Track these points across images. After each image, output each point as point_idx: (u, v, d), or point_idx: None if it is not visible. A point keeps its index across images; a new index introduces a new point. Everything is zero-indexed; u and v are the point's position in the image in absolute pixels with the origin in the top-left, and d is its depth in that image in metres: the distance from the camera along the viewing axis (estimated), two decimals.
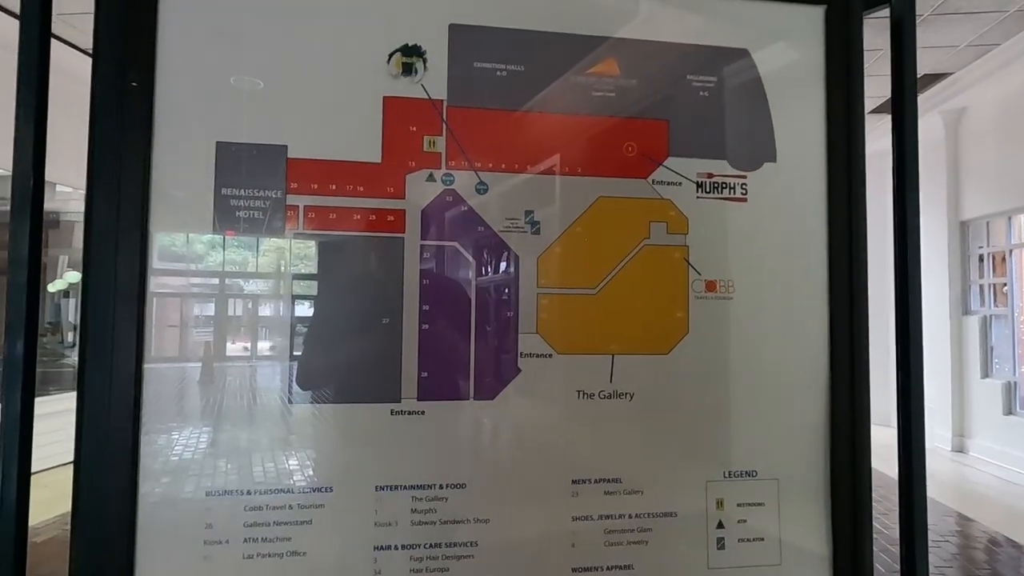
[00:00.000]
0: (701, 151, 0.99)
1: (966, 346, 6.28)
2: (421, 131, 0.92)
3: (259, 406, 0.88)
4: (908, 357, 0.98)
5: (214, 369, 0.88)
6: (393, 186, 0.91)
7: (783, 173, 1.01)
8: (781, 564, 0.98)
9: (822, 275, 1.00)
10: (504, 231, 0.93)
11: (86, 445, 0.82)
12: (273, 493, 0.87)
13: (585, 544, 0.93)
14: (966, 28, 4.92)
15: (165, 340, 0.87)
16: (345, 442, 0.90)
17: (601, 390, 0.95)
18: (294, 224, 0.89)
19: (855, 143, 1.01)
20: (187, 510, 0.85)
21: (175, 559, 0.84)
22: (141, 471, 0.84)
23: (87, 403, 0.83)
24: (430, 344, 0.91)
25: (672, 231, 0.98)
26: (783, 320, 1.00)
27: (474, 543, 0.90)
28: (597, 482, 0.94)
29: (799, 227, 1.01)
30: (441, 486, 0.90)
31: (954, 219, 6.32)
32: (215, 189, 0.87)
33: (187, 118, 0.87)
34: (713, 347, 0.98)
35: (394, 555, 0.88)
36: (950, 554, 3.63)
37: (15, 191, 0.82)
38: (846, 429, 0.99)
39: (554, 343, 0.94)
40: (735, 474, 0.98)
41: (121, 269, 0.84)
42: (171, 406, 0.85)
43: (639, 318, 0.96)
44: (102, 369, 0.83)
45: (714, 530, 0.96)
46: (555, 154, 0.95)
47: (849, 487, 0.99)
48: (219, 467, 0.86)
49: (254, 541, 0.86)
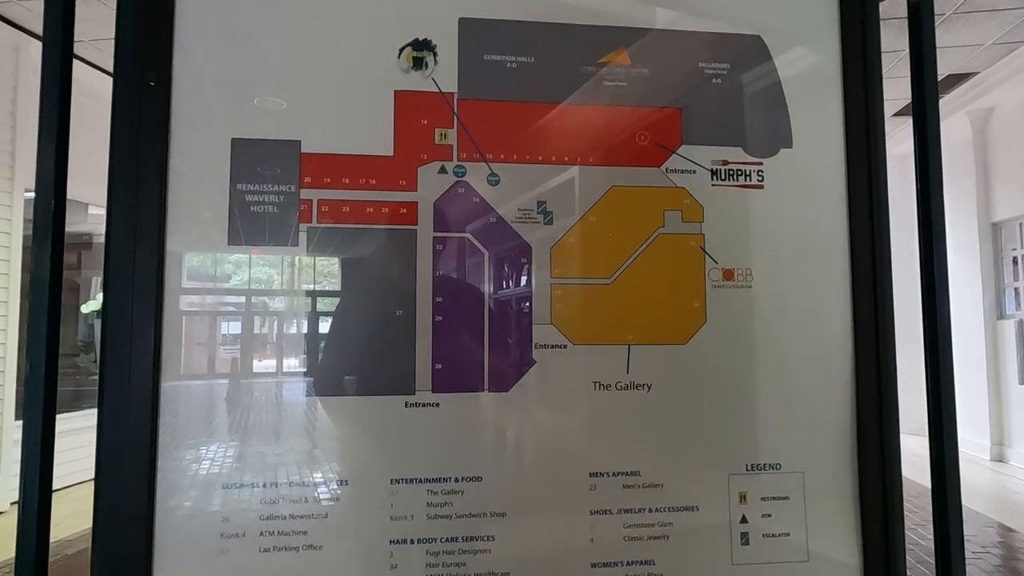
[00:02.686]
0: (715, 138, 0.98)
1: (1002, 351, 6.08)
2: (432, 124, 0.93)
3: (274, 399, 0.89)
4: (938, 360, 0.94)
5: (230, 363, 0.89)
6: (405, 179, 0.91)
7: (800, 159, 0.99)
8: (808, 560, 0.94)
9: (844, 261, 0.98)
10: (517, 222, 0.93)
11: (106, 431, 0.83)
12: (289, 486, 0.86)
13: (604, 539, 0.91)
14: (990, 26, 4.83)
15: (185, 328, 0.88)
16: (360, 435, 0.89)
17: (618, 381, 0.93)
18: (308, 218, 0.89)
19: (874, 126, 0.99)
20: (204, 503, 0.85)
21: (192, 553, 0.84)
22: (160, 466, 0.84)
23: (107, 394, 0.84)
24: (444, 336, 0.90)
25: (687, 219, 0.96)
26: (804, 308, 0.97)
27: (491, 537, 0.89)
28: (615, 475, 0.92)
29: (819, 213, 0.99)
30: (457, 479, 0.89)
31: (985, 221, 6.16)
32: (230, 184, 0.88)
33: (203, 115, 0.89)
34: (732, 337, 0.96)
35: (410, 549, 0.87)
36: (992, 566, 3.49)
37: (37, 212, 0.83)
38: (873, 420, 0.96)
39: (569, 334, 0.93)
40: (758, 467, 0.95)
41: (140, 263, 0.86)
42: (187, 397, 0.86)
43: (655, 308, 0.95)
44: (119, 360, 0.84)
45: (738, 525, 0.94)
46: (567, 144, 0.95)
47: (878, 480, 0.95)
48: (235, 461, 0.86)
49: (270, 535, 0.86)
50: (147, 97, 0.87)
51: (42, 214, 0.84)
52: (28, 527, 0.80)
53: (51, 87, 0.85)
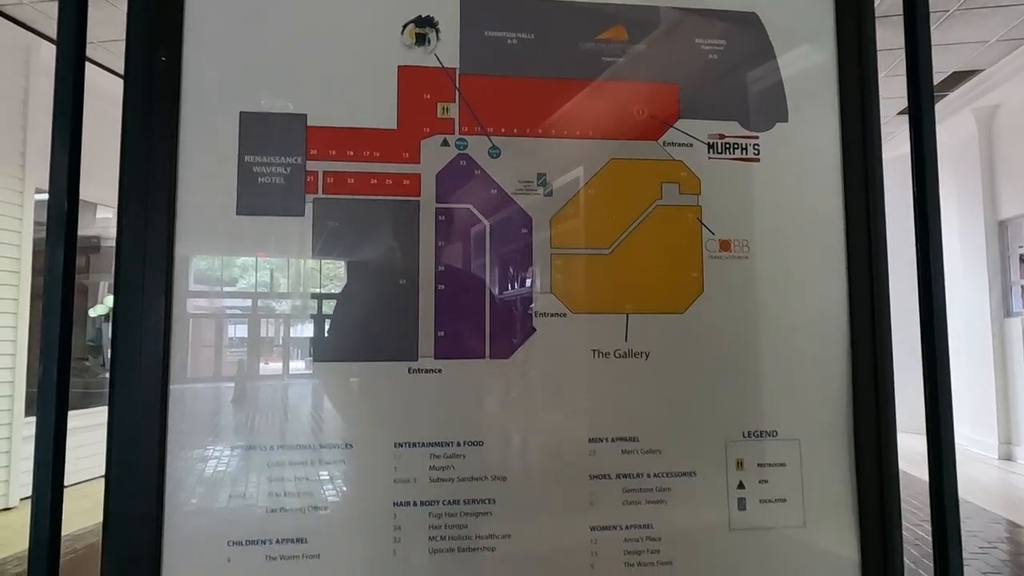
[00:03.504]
0: (712, 113, 1.00)
1: (1010, 350, 6.06)
2: (435, 99, 0.95)
3: (280, 364, 0.91)
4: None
5: (236, 333, 0.91)
6: (408, 151, 0.94)
7: (796, 132, 1.01)
8: (805, 526, 0.96)
9: (839, 232, 1.00)
10: (517, 193, 0.95)
11: (118, 408, 0.86)
12: (294, 448, 0.89)
13: (603, 503, 0.93)
14: (995, 22, 4.83)
15: (192, 302, 0.90)
16: (364, 399, 0.92)
17: (617, 349, 0.95)
18: (314, 189, 0.92)
19: (868, 100, 1.01)
20: (212, 462, 0.87)
21: (200, 494, 0.86)
22: (170, 418, 0.87)
23: (118, 365, 0.86)
24: (446, 304, 0.92)
25: (684, 192, 0.98)
26: (801, 278, 0.99)
27: (492, 500, 0.91)
28: (614, 441, 0.94)
29: (815, 185, 1.01)
30: (458, 443, 0.91)
31: (991, 218, 6.15)
32: (239, 156, 0.91)
33: (212, 90, 0.91)
34: (729, 306, 0.98)
35: (413, 511, 0.89)
36: (999, 560, 3.48)
37: (51, 213, 0.85)
38: (869, 388, 0.98)
39: (569, 303, 0.95)
40: (755, 434, 0.97)
41: (151, 232, 0.88)
42: (196, 361, 0.89)
43: (653, 278, 0.97)
44: (130, 337, 0.86)
45: (735, 490, 0.95)
46: (566, 118, 0.97)
47: (874, 447, 0.97)
48: (242, 421, 0.89)
49: (276, 496, 0.88)
50: (158, 72, 0.90)
51: (55, 215, 0.85)
52: (41, 521, 0.82)
53: (64, 90, 0.86)
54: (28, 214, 4.84)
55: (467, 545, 0.90)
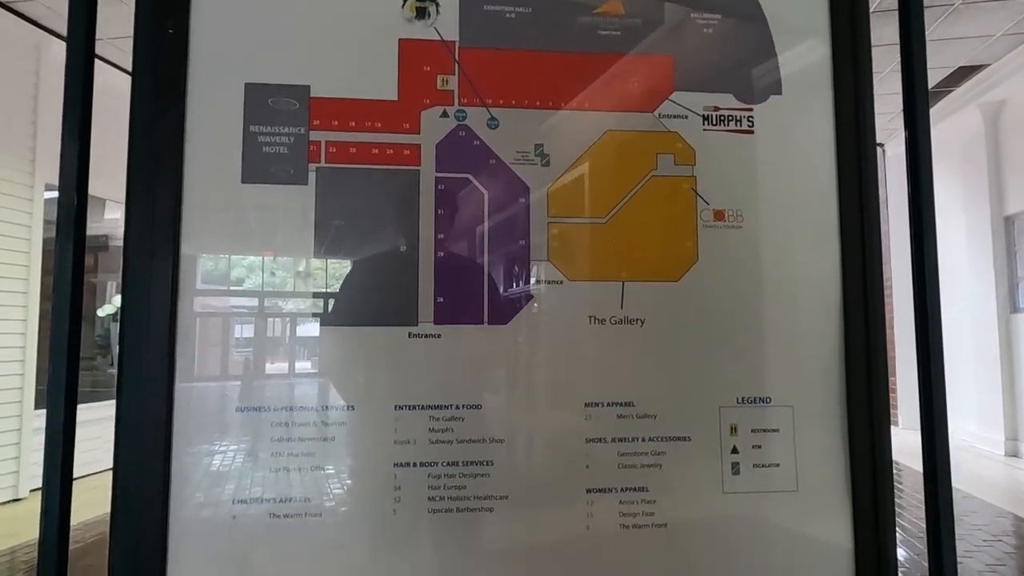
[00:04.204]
0: (707, 85, 1.02)
1: (1016, 346, 6.03)
2: (435, 71, 0.97)
3: (284, 328, 0.93)
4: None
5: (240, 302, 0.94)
6: (409, 122, 0.96)
7: (790, 106, 1.03)
8: (798, 490, 0.98)
9: (832, 203, 1.01)
10: (515, 164, 0.97)
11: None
12: (297, 410, 0.91)
13: (599, 466, 0.95)
14: (1001, 16, 4.82)
15: (199, 274, 0.93)
16: (366, 363, 0.94)
17: (612, 316, 0.97)
18: (317, 158, 0.94)
19: (862, 74, 1.02)
20: (218, 421, 0.90)
21: (205, 474, 0.89)
22: (177, 385, 0.89)
23: (127, 328, 0.89)
24: (445, 270, 0.95)
25: (679, 162, 1.00)
26: (794, 248, 1.01)
27: (489, 462, 0.93)
28: (610, 405, 0.96)
29: (808, 156, 1.02)
30: (457, 406, 0.93)
31: (998, 214, 6.12)
32: (244, 127, 0.94)
33: (218, 62, 0.94)
34: (723, 275, 0.99)
35: (413, 471, 0.92)
36: (1004, 553, 3.47)
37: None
38: (861, 356, 0.99)
39: (565, 270, 0.97)
40: (748, 400, 0.98)
41: (159, 203, 0.91)
42: (202, 327, 0.91)
43: (648, 246, 0.99)
44: (139, 309, 0.89)
45: (728, 455, 0.97)
46: (563, 91, 0.99)
47: (866, 413, 0.98)
48: (246, 384, 0.91)
49: (280, 456, 0.90)
50: (166, 46, 0.93)
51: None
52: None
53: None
54: (38, 208, 4.89)
55: (465, 505, 0.92)
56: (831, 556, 0.96)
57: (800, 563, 0.96)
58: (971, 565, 3.30)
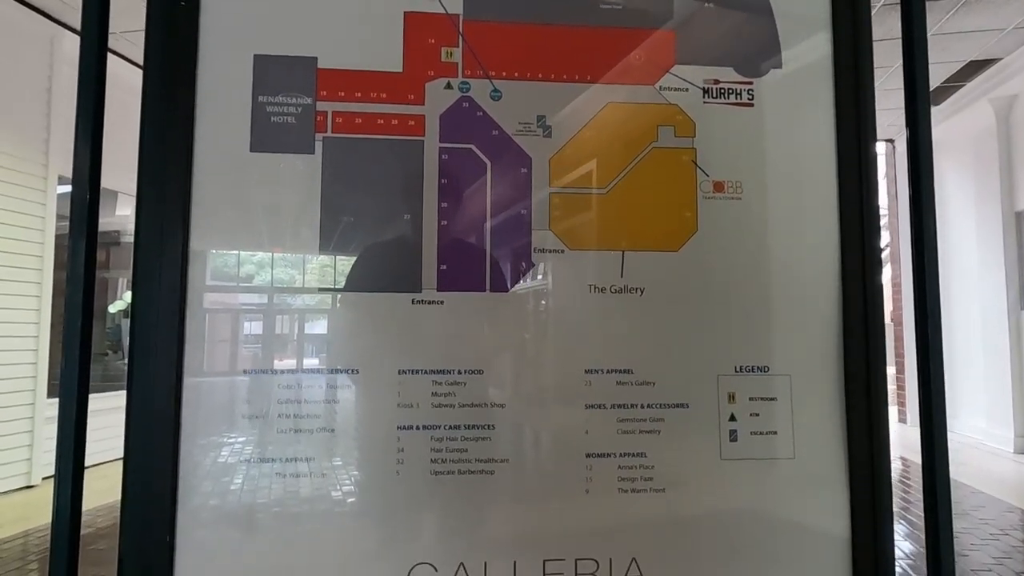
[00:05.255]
0: (707, 59, 1.03)
1: None
2: (439, 43, 0.99)
3: (290, 293, 0.96)
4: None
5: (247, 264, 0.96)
6: (413, 93, 0.98)
7: (790, 79, 1.04)
8: (795, 458, 0.99)
9: (831, 176, 1.02)
10: (517, 135, 0.99)
11: (137, 331, 0.91)
12: (303, 373, 0.93)
13: (598, 431, 0.96)
14: (1012, 9, 4.78)
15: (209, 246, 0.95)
16: (370, 328, 0.96)
17: (612, 285, 0.99)
18: (323, 128, 0.96)
19: (862, 48, 1.03)
20: (225, 387, 0.92)
21: (214, 429, 0.91)
22: (186, 353, 0.92)
23: (139, 291, 0.91)
24: (448, 239, 0.97)
25: (680, 134, 1.02)
26: (793, 219, 1.02)
27: (491, 426, 0.95)
28: (609, 372, 0.97)
29: (808, 130, 1.03)
30: (459, 371, 0.95)
31: (1009, 210, 6.07)
32: (253, 97, 0.96)
33: (228, 33, 0.96)
34: (722, 245, 1.01)
35: (416, 434, 0.94)
36: (1010, 546, 3.46)
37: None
38: (859, 326, 1.00)
39: (566, 239, 0.98)
40: (747, 369, 1.00)
41: (169, 169, 0.93)
42: (210, 294, 0.93)
43: (648, 216, 1.00)
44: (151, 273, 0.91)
45: (726, 422, 0.99)
46: (566, 63, 1.01)
47: (863, 383, 0.99)
48: (252, 349, 0.94)
49: (287, 417, 0.92)
50: (178, 17, 0.95)
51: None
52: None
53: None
54: (51, 200, 4.96)
55: (467, 468, 0.94)
56: (827, 521, 0.98)
57: (796, 528, 0.97)
58: (978, 558, 3.29)
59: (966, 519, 3.96)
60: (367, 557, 0.93)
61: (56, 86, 5.00)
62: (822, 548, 0.97)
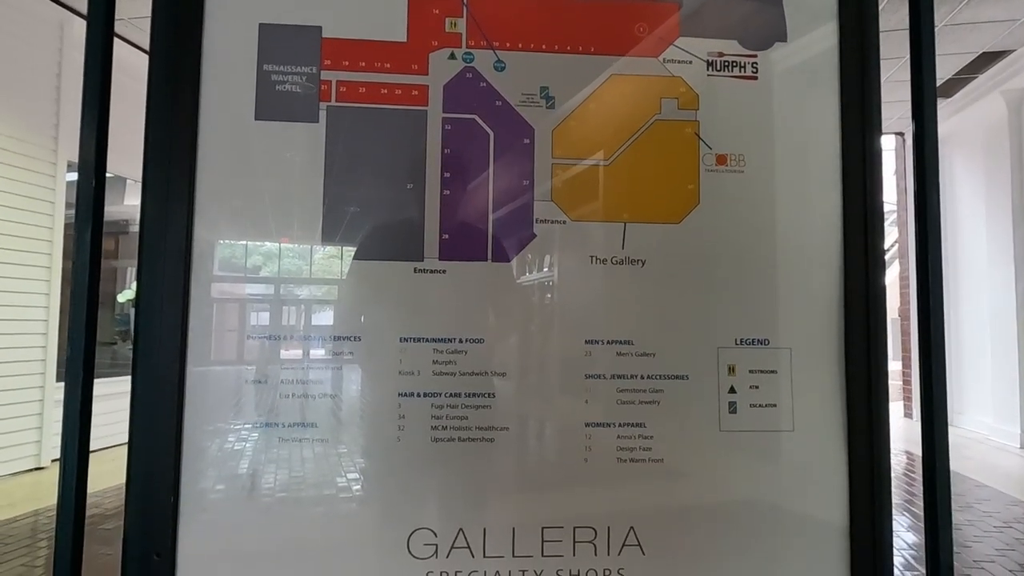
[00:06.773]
0: (712, 31, 1.03)
1: None
2: (443, 14, 0.99)
3: (292, 261, 0.96)
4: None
5: None
6: (417, 63, 0.98)
7: (794, 52, 1.03)
8: (794, 431, 0.99)
9: (835, 149, 1.02)
10: (521, 105, 0.99)
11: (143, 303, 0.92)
12: (306, 339, 0.94)
13: (598, 401, 0.97)
14: None
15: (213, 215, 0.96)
16: (372, 296, 0.97)
17: (613, 256, 0.99)
18: (327, 97, 0.97)
19: (867, 20, 1.03)
20: (229, 355, 0.93)
21: (218, 393, 0.92)
22: (190, 330, 0.93)
23: (144, 253, 0.92)
24: (451, 208, 0.97)
25: (683, 107, 1.01)
26: (795, 193, 1.02)
27: (491, 395, 0.96)
28: (609, 343, 0.98)
29: (811, 104, 1.03)
30: (461, 340, 0.96)
31: (1020, 204, 6.01)
32: (258, 66, 0.96)
33: (234, 2, 0.97)
34: (724, 218, 1.01)
35: (417, 401, 0.94)
36: (1013, 539, 3.45)
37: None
38: (860, 300, 1.00)
39: (568, 210, 0.99)
40: (747, 341, 1.00)
41: (176, 131, 0.94)
42: (217, 259, 0.94)
43: (651, 188, 1.00)
44: (157, 244, 0.92)
45: (726, 394, 0.99)
46: (569, 34, 1.01)
47: (863, 357, 0.99)
48: (256, 315, 0.95)
49: (290, 383, 0.93)
50: None
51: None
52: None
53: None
54: (60, 184, 4.99)
55: (467, 435, 0.95)
56: (826, 494, 0.98)
57: (794, 499, 0.98)
58: (981, 550, 3.28)
59: (970, 512, 3.95)
60: (367, 523, 0.94)
61: (65, 72, 5.02)
62: (820, 519, 0.98)
